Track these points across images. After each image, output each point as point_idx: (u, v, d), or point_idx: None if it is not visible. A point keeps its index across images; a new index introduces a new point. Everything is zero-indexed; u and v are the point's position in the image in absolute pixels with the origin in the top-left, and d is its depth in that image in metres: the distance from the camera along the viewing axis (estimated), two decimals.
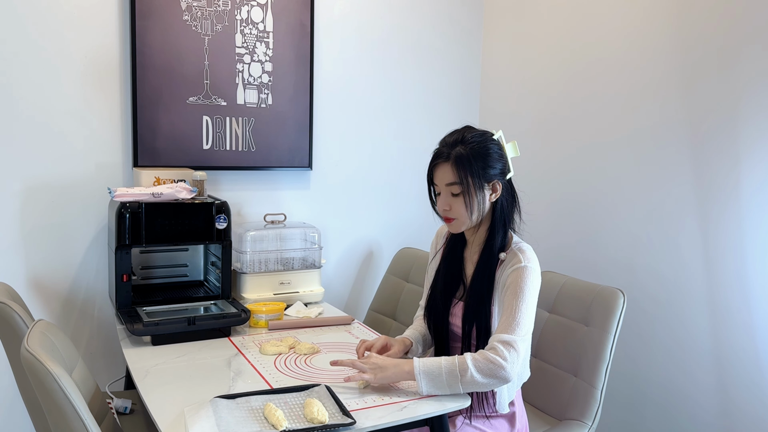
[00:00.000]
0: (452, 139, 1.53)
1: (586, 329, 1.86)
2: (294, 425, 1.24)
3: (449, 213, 1.53)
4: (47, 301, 2.11)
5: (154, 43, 2.15)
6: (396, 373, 1.43)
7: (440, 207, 1.55)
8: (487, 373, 1.39)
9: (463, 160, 1.48)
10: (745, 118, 1.86)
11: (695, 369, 2.03)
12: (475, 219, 1.53)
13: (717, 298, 1.97)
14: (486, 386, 1.42)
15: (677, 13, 2.05)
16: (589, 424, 1.78)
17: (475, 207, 1.51)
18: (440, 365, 1.41)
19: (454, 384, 1.40)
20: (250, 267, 2.16)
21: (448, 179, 1.51)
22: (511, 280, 1.49)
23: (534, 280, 1.50)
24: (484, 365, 1.40)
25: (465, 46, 2.82)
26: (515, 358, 1.41)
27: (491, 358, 1.40)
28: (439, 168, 1.53)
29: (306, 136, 2.45)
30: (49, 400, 1.17)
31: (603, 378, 1.78)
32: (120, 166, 2.18)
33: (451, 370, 1.41)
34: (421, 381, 1.40)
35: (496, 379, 1.40)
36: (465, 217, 1.52)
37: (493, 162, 1.51)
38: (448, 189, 1.52)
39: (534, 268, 1.50)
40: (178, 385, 1.45)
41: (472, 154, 1.49)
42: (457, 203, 1.51)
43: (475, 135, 1.53)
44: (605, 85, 2.29)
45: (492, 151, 1.52)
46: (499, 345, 1.42)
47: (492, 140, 1.54)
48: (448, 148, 1.52)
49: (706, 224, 1.99)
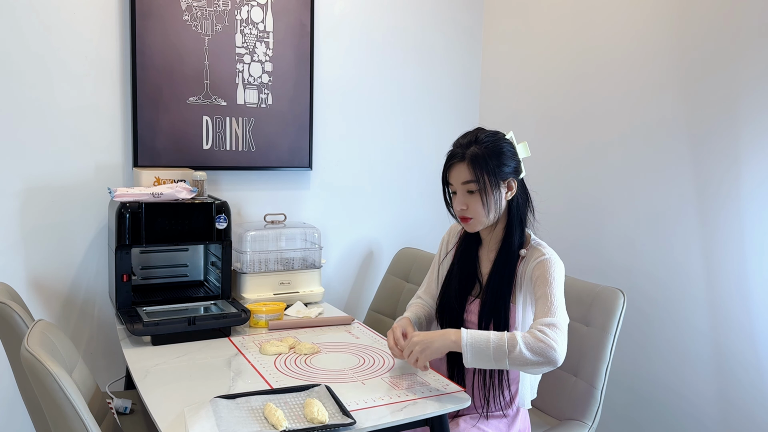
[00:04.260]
0: (466, 140, 1.56)
1: (586, 329, 1.86)
2: (294, 425, 1.24)
3: (466, 212, 1.56)
4: (47, 301, 2.11)
5: (154, 43, 2.15)
6: (443, 344, 1.44)
7: (457, 206, 1.57)
8: (537, 351, 1.38)
9: (479, 158, 1.52)
10: (746, 119, 1.87)
11: (695, 369, 2.03)
12: (492, 217, 1.56)
13: (717, 299, 1.97)
14: (532, 365, 1.39)
15: (678, 13, 2.05)
16: (589, 424, 1.78)
17: (492, 205, 1.54)
18: (488, 339, 1.41)
19: (501, 359, 1.39)
20: (250, 267, 2.16)
21: (465, 178, 1.53)
22: (538, 272, 1.52)
23: (560, 270, 1.54)
24: (534, 343, 1.39)
25: (465, 46, 2.82)
26: (563, 339, 1.42)
27: (541, 338, 1.40)
28: (454, 168, 1.56)
29: (306, 136, 2.45)
30: (49, 400, 1.17)
31: (603, 378, 1.78)
32: (120, 166, 2.18)
33: (499, 345, 1.40)
34: (467, 352, 1.41)
35: (544, 359, 1.38)
36: (482, 215, 1.55)
37: (507, 160, 1.55)
38: (464, 188, 1.55)
39: (558, 260, 1.55)
40: (178, 385, 1.45)
41: (487, 153, 1.53)
42: (474, 202, 1.54)
43: (488, 135, 1.57)
44: (605, 85, 2.29)
45: (505, 149, 1.56)
46: (545, 328, 1.42)
47: (505, 140, 1.58)
48: (462, 149, 1.55)
49: (706, 225, 1.99)
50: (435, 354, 1.45)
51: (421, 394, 1.43)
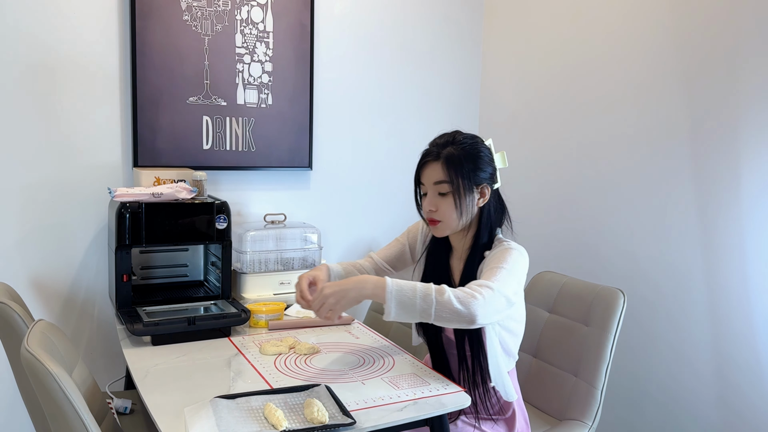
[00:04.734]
0: (443, 140, 1.52)
1: (586, 329, 1.86)
2: (294, 425, 1.24)
3: (435, 214, 1.51)
4: (47, 301, 2.11)
5: (154, 43, 2.15)
6: (360, 293, 1.35)
7: (426, 207, 1.52)
8: (463, 301, 1.32)
9: (454, 159, 1.47)
10: (746, 119, 1.86)
11: (696, 369, 2.03)
12: (463, 222, 1.51)
13: (718, 298, 1.96)
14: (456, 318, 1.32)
15: (678, 13, 2.05)
16: (590, 424, 1.78)
17: (463, 208, 1.48)
18: (414, 287, 1.34)
19: (428, 308, 1.32)
20: (250, 267, 2.16)
21: (437, 178, 1.49)
22: (493, 258, 1.45)
23: (520, 258, 1.45)
24: (462, 294, 1.33)
25: (465, 46, 2.82)
26: (491, 299, 1.34)
27: (469, 291, 1.34)
28: (428, 167, 1.51)
29: (306, 136, 2.45)
30: (49, 400, 1.17)
31: (603, 378, 1.78)
32: (120, 166, 2.18)
33: (426, 292, 1.33)
34: (391, 301, 1.33)
35: (466, 310, 1.31)
36: (452, 219, 1.49)
37: (484, 165, 1.50)
38: (436, 188, 1.50)
39: (521, 251, 1.47)
40: (178, 385, 1.45)
41: (464, 154, 1.48)
42: (445, 204, 1.49)
43: (467, 137, 1.52)
44: (606, 85, 2.29)
45: (483, 154, 1.51)
46: (477, 285, 1.37)
47: (483, 144, 1.54)
48: (438, 148, 1.50)
49: (706, 224, 1.98)
50: (351, 303, 1.36)
51: (421, 394, 1.43)
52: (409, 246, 1.73)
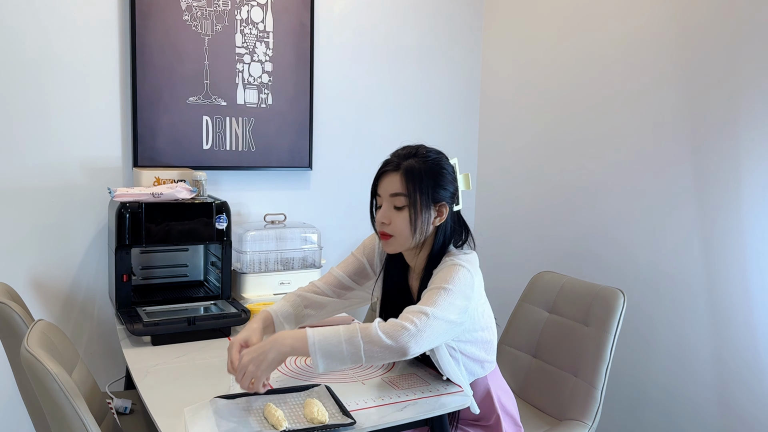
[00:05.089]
0: (405, 151, 1.44)
1: (586, 329, 1.86)
2: (294, 425, 1.24)
3: (387, 228, 1.42)
4: (47, 301, 2.11)
5: (154, 43, 2.15)
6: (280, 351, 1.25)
7: (379, 219, 1.42)
8: (391, 334, 1.24)
9: (414, 172, 1.39)
10: (747, 117, 1.86)
11: (696, 369, 2.03)
12: (415, 241, 1.42)
13: (718, 298, 1.96)
14: (388, 352, 1.25)
15: (680, 11, 2.05)
16: (589, 424, 1.78)
17: (418, 225, 1.39)
18: (338, 332, 1.25)
19: (356, 352, 1.24)
20: (250, 267, 2.16)
21: (394, 189, 1.40)
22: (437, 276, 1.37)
23: (466, 277, 1.36)
24: (390, 327, 1.26)
25: (465, 45, 2.82)
26: (425, 328, 1.26)
27: (397, 322, 1.27)
28: (386, 177, 1.42)
29: (306, 136, 2.45)
30: (49, 400, 1.17)
31: (603, 378, 1.78)
32: (120, 166, 2.18)
33: (351, 336, 1.24)
34: (316, 353, 1.24)
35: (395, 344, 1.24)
36: (405, 236, 1.41)
37: (445, 183, 1.42)
38: (392, 201, 1.41)
39: (470, 267, 1.38)
40: (178, 385, 1.45)
41: (425, 168, 1.40)
42: (399, 218, 1.40)
43: (431, 152, 1.44)
44: (606, 83, 2.29)
45: (446, 171, 1.43)
46: (410, 314, 1.28)
47: (447, 161, 1.46)
48: (399, 159, 1.42)
49: (707, 224, 1.98)
50: (272, 365, 1.26)
51: (421, 394, 1.43)
52: (368, 260, 1.62)
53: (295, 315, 1.53)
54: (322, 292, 1.59)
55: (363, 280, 1.63)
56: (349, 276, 1.62)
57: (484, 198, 2.88)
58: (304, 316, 1.56)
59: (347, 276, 1.61)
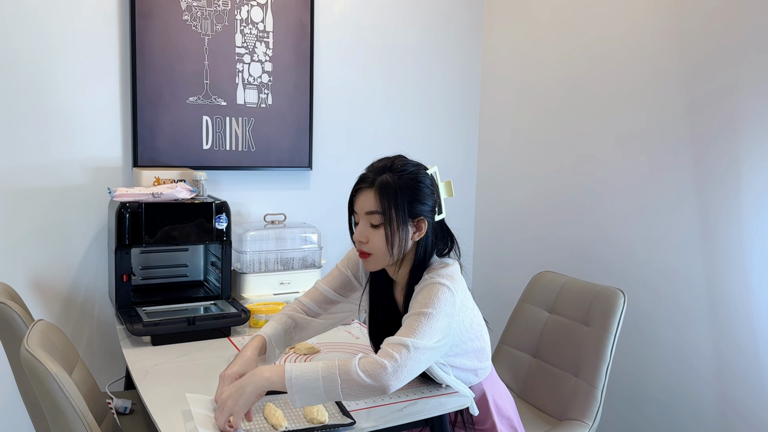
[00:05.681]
0: (381, 164, 1.40)
1: (586, 329, 1.86)
2: (294, 425, 1.24)
3: (365, 246, 1.40)
4: (47, 301, 2.11)
5: (154, 43, 2.15)
6: (257, 385, 1.20)
7: (356, 238, 1.41)
8: (371, 373, 1.20)
9: (389, 188, 1.36)
10: (747, 120, 1.86)
11: (697, 369, 2.03)
12: (394, 257, 1.39)
13: (718, 298, 1.96)
14: (366, 391, 1.21)
15: (679, 11, 2.04)
16: (590, 424, 1.78)
17: (396, 242, 1.37)
18: (316, 368, 1.21)
19: (333, 389, 1.20)
20: (250, 267, 2.16)
21: (369, 207, 1.38)
22: (420, 295, 1.33)
23: (447, 297, 1.31)
24: (369, 365, 1.21)
25: (465, 46, 2.82)
26: (407, 363, 1.22)
27: (376, 359, 1.22)
28: (361, 194, 1.40)
29: (306, 136, 2.45)
30: (49, 400, 1.17)
31: (603, 378, 1.78)
32: (120, 166, 2.17)
33: (328, 372, 1.20)
34: (292, 388, 1.20)
35: (376, 383, 1.20)
36: (382, 253, 1.38)
37: (422, 197, 1.38)
38: (368, 218, 1.39)
39: (451, 286, 1.33)
40: (178, 385, 1.45)
41: (400, 184, 1.36)
42: (376, 236, 1.38)
43: (407, 165, 1.40)
44: (606, 83, 2.29)
45: (423, 185, 1.39)
46: (389, 347, 1.24)
47: (425, 174, 1.41)
48: (374, 174, 1.39)
49: (706, 223, 1.98)
50: (250, 400, 1.20)
51: (421, 394, 1.43)
52: (352, 273, 1.61)
53: (284, 337, 1.50)
54: (308, 310, 1.57)
55: (349, 293, 1.61)
56: (335, 290, 1.59)
57: (484, 198, 2.88)
58: (292, 338, 1.53)
59: (332, 290, 1.59)
